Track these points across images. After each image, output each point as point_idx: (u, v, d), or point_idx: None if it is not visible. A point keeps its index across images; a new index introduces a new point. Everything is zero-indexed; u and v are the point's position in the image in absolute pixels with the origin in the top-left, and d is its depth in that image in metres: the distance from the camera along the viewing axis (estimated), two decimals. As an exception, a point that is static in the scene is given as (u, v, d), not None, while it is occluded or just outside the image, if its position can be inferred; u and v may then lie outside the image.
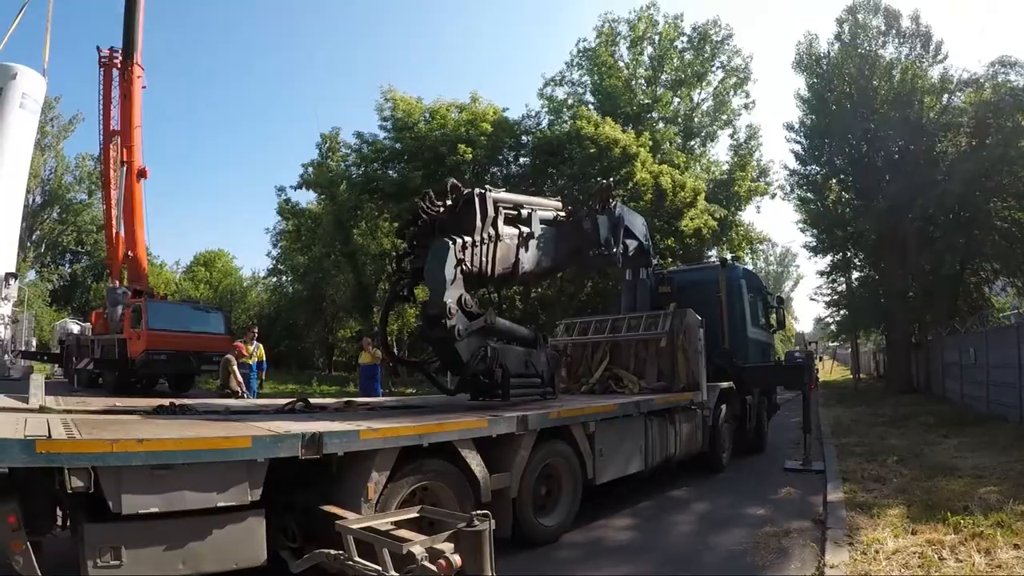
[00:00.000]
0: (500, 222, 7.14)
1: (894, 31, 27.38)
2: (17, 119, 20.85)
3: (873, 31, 27.85)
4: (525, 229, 7.58)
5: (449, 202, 6.93)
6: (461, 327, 6.47)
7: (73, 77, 73.01)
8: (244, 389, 12.84)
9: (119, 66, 21.64)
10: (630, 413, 7.60)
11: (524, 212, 7.74)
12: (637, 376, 10.00)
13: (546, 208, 8.41)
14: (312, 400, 7.25)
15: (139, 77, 21.71)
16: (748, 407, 11.39)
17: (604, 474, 7.01)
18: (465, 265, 6.55)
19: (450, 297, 6.36)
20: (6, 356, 20.20)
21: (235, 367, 12.77)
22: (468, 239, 6.61)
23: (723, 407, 10.14)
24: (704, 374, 9.48)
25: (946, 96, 26.03)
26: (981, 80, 24.65)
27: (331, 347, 41.14)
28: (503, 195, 7.50)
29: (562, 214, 8.57)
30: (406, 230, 7.21)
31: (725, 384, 10.28)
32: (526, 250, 7.53)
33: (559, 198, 9.87)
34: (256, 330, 15.71)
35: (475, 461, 5.37)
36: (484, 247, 6.83)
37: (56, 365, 25.61)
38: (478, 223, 6.77)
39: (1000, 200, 23.28)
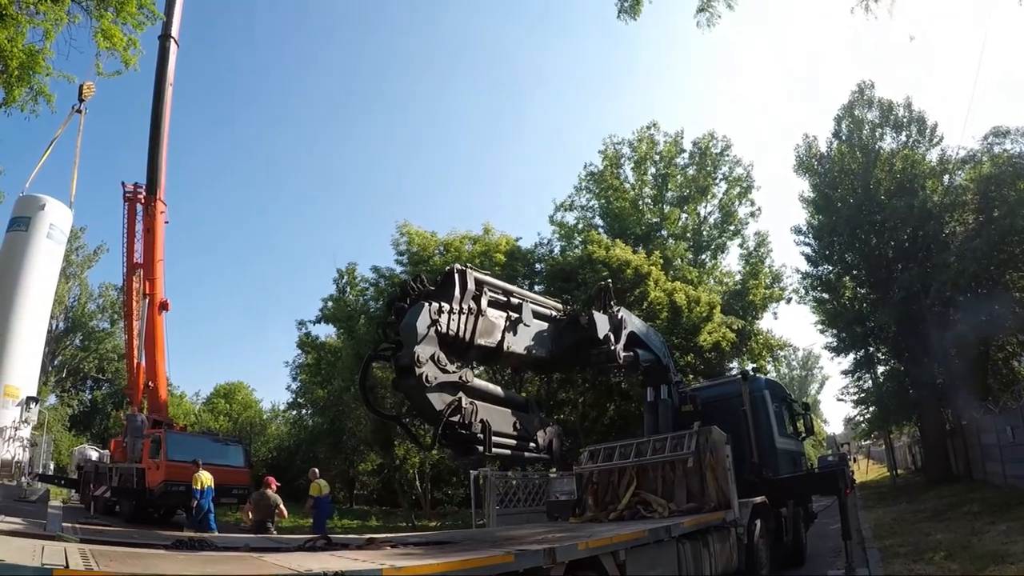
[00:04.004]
0: (484, 301, 7.43)
1: (890, 122, 28.23)
2: (44, 248, 21.71)
3: (870, 124, 28.69)
4: (514, 315, 7.82)
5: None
6: (430, 374, 6.61)
7: (98, 208, 76.30)
8: (275, 528, 12.35)
9: (143, 201, 22.42)
10: (661, 538, 7.36)
11: (514, 300, 8.02)
12: (666, 499, 9.74)
13: (544, 305, 8.69)
14: (333, 536, 7.12)
15: (162, 212, 22.51)
16: (784, 520, 11.01)
17: (638, 604, 6.68)
18: (440, 327, 6.78)
19: (421, 349, 6.54)
20: (24, 479, 20.06)
21: (282, 504, 12.21)
22: (446, 305, 6.91)
23: (757, 523, 9.76)
24: (735, 491, 9.22)
25: (947, 176, 26.45)
26: (978, 155, 25.04)
27: (352, 480, 40.51)
28: (489, 278, 7.85)
29: (561, 314, 8.81)
30: (394, 304, 7.43)
31: (758, 499, 9.93)
32: (514, 334, 7.76)
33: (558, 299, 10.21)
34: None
35: (503, 599, 5.14)
36: (463, 316, 7.11)
37: (73, 490, 25.34)
38: (456, 293, 7.11)
39: (1015, 270, 23.09)
